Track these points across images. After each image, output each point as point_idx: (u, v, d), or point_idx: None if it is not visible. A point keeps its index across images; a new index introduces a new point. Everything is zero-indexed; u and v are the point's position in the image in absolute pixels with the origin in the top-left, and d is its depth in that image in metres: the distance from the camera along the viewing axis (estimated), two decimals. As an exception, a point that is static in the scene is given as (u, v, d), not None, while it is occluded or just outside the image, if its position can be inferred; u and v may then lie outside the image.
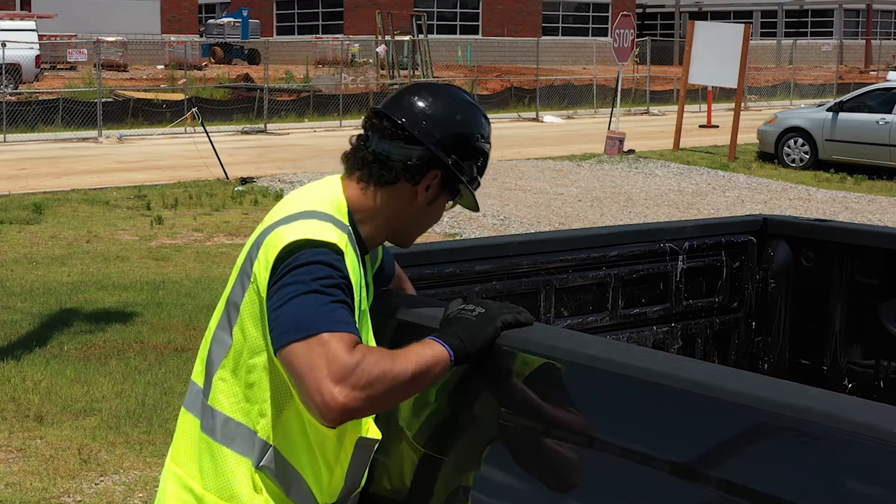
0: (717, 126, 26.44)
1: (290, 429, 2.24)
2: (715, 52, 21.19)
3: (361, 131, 2.38)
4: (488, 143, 2.40)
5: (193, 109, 20.42)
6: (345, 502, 2.36)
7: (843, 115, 19.99)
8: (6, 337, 8.04)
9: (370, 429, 2.34)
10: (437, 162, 2.30)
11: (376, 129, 2.33)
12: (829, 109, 20.50)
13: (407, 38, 36.34)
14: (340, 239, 2.20)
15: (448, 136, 2.32)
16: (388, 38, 36.18)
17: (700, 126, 26.80)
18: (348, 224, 2.29)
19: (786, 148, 20.61)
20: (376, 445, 2.36)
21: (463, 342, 2.21)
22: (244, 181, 16.39)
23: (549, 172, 18.24)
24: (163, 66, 38.36)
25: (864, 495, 1.85)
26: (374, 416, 2.31)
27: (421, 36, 36.92)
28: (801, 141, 20.43)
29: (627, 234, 3.93)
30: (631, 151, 21.00)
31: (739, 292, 4.09)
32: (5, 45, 24.14)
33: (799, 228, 4.09)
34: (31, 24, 31.95)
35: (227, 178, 16.74)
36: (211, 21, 48.14)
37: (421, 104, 2.34)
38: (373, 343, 2.34)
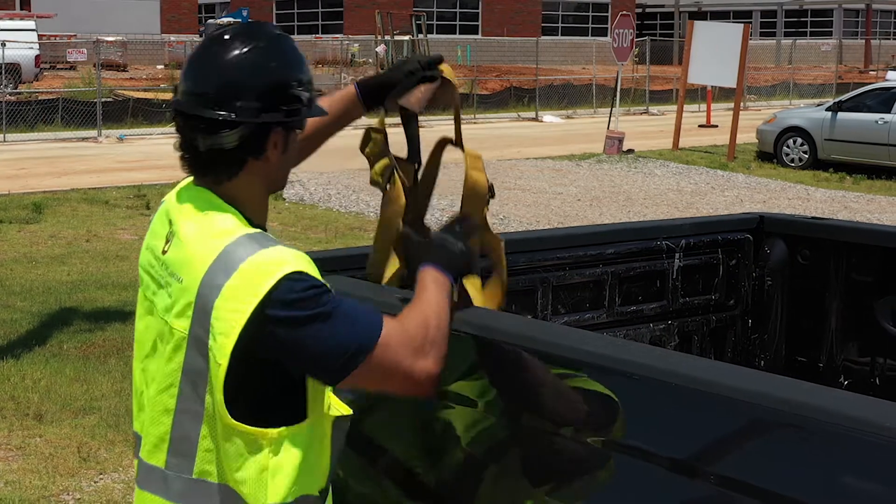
0: (717, 126, 26.42)
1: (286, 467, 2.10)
2: (714, 52, 21.19)
3: (181, 134, 2.15)
4: (307, 91, 2.17)
5: (193, 109, 20.39)
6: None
7: (842, 115, 19.98)
8: (6, 336, 8.05)
9: (339, 406, 2.21)
10: (270, 124, 2.12)
11: (194, 130, 2.11)
12: (828, 109, 20.48)
13: (406, 37, 36.34)
14: (294, 256, 2.06)
15: (266, 96, 2.11)
16: (387, 37, 36.17)
17: (699, 126, 26.79)
18: (256, 228, 2.13)
19: (785, 147, 20.60)
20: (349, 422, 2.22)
21: (448, 264, 2.31)
22: (244, 181, 16.37)
23: (548, 172, 18.25)
24: (163, 66, 38.36)
25: (861, 490, 1.86)
26: (334, 391, 2.19)
27: (420, 36, 36.92)
28: (800, 140, 20.42)
29: (624, 231, 3.94)
30: (630, 151, 21.00)
31: (736, 290, 4.10)
32: (5, 44, 24.13)
33: (795, 226, 4.10)
34: (30, 23, 31.94)
35: (227, 177, 16.73)
36: (211, 21, 48.08)
37: (223, 77, 2.10)
38: None
